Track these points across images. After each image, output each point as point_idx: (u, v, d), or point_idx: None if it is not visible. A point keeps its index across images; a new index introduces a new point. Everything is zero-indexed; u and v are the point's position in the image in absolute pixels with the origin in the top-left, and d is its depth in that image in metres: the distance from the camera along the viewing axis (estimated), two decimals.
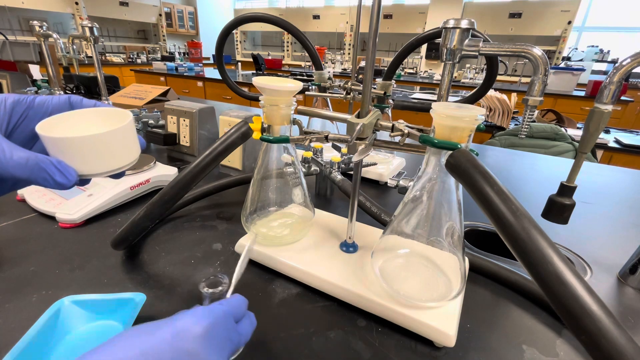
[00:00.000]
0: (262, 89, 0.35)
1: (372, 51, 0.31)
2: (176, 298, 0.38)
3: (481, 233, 0.57)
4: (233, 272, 0.29)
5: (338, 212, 0.53)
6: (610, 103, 0.35)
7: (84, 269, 0.42)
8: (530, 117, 0.40)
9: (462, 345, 0.33)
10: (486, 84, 0.52)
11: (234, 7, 6.65)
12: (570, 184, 0.40)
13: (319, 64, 0.66)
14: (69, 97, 0.27)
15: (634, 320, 0.38)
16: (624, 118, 3.20)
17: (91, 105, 0.28)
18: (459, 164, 0.28)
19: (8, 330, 0.32)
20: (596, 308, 0.21)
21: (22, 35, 4.22)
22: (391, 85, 0.62)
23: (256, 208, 0.44)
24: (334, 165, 0.60)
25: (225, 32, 0.66)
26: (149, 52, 5.52)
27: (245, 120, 0.47)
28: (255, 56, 3.85)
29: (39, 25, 1.06)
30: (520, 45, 0.37)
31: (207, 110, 0.75)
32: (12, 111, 0.25)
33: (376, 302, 0.35)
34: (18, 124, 0.25)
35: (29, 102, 0.26)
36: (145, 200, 0.58)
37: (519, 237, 0.24)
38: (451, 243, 0.33)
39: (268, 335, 0.33)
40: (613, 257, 0.50)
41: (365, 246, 0.43)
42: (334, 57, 4.54)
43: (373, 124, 0.34)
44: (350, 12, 5.26)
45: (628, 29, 4.11)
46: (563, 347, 0.34)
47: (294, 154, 0.42)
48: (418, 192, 0.33)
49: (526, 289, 0.40)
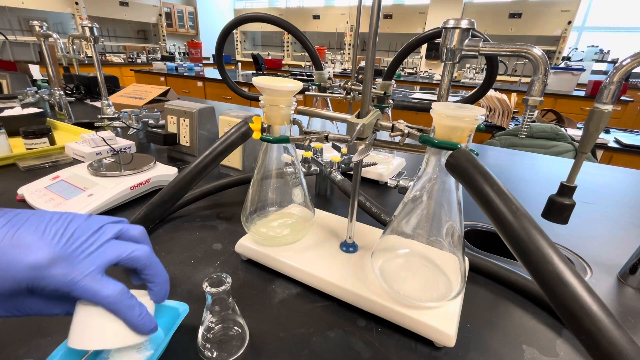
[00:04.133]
0: (262, 89, 0.35)
1: (372, 51, 0.31)
2: (176, 298, 0.38)
3: (481, 233, 0.57)
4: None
5: (338, 212, 0.53)
6: (610, 103, 0.35)
7: None
8: (530, 117, 0.40)
9: (462, 345, 0.33)
10: (486, 84, 0.52)
11: (234, 7, 6.65)
12: (570, 184, 0.40)
13: (319, 64, 0.66)
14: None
15: (634, 320, 0.38)
16: (624, 118, 3.20)
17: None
18: (459, 164, 0.28)
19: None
20: (596, 308, 0.21)
21: (22, 35, 4.22)
22: (391, 85, 0.62)
23: (256, 208, 0.44)
24: (334, 165, 0.60)
25: (225, 32, 0.66)
26: (149, 52, 5.52)
27: (245, 120, 0.47)
28: (255, 56, 3.85)
29: (39, 25, 1.06)
30: (520, 45, 0.37)
31: (207, 110, 0.75)
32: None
33: (376, 302, 0.35)
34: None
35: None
36: (145, 200, 0.58)
37: (519, 237, 0.24)
38: (451, 243, 0.33)
39: (268, 335, 0.33)
40: (613, 257, 0.50)
41: (365, 246, 0.43)
42: (334, 57, 4.54)
43: (373, 124, 0.34)
44: (350, 12, 5.26)
45: (628, 29, 4.10)
46: (563, 347, 0.34)
47: (294, 154, 0.42)
48: (418, 192, 0.33)
49: (526, 289, 0.40)
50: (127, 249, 0.26)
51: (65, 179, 0.58)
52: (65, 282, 0.23)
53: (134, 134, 0.88)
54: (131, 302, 0.26)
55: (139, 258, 0.26)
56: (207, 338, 0.30)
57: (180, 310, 0.32)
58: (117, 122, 0.90)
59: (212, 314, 0.30)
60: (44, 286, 0.23)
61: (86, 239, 0.24)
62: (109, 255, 0.25)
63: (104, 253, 0.25)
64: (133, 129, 0.87)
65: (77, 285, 0.23)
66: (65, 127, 0.97)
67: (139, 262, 0.27)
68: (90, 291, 0.24)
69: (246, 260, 0.45)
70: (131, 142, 0.82)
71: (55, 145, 0.79)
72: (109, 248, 0.25)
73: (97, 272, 0.24)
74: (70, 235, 0.24)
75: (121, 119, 0.89)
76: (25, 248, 0.22)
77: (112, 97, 1.22)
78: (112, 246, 0.26)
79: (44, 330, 0.33)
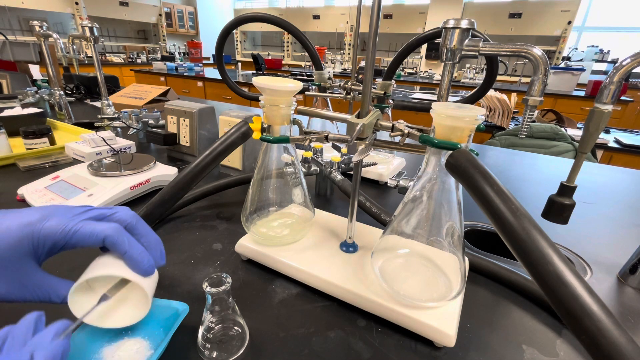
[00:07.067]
0: (262, 89, 0.35)
1: (372, 51, 0.31)
2: (176, 298, 0.37)
3: (481, 233, 0.57)
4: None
5: (338, 212, 0.53)
6: (610, 103, 0.35)
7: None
8: (530, 117, 0.40)
9: (462, 345, 0.33)
10: (486, 84, 0.52)
11: (234, 7, 6.65)
12: (570, 184, 0.40)
13: (319, 64, 0.66)
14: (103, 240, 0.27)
15: (634, 320, 0.38)
16: (624, 118, 3.20)
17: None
18: (459, 164, 0.28)
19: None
20: (596, 308, 0.21)
21: (22, 35, 4.22)
22: (391, 85, 0.62)
23: (256, 208, 0.44)
24: (334, 165, 0.60)
25: (225, 32, 0.66)
26: (149, 52, 5.52)
27: (245, 120, 0.47)
28: (255, 56, 3.85)
29: (39, 25, 1.06)
30: (520, 45, 0.37)
31: (207, 110, 0.75)
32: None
33: (376, 302, 0.35)
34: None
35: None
36: (145, 200, 0.58)
37: (519, 237, 0.24)
38: (451, 243, 0.33)
39: (268, 335, 0.33)
40: (613, 257, 0.50)
41: (365, 246, 0.43)
42: (334, 57, 4.54)
43: (373, 124, 0.34)
44: (350, 12, 5.26)
45: (628, 29, 4.10)
46: (563, 347, 0.34)
47: (294, 154, 0.42)
48: (418, 192, 0.33)
49: (526, 289, 0.40)
50: (110, 211, 0.28)
51: (65, 179, 0.58)
52: (61, 229, 0.25)
53: (134, 134, 0.88)
54: (129, 237, 0.27)
55: (123, 217, 0.28)
56: (207, 338, 0.30)
57: (180, 310, 0.32)
58: (117, 122, 0.90)
59: (212, 314, 0.30)
60: (43, 238, 0.24)
61: (72, 209, 0.27)
62: (94, 213, 0.27)
63: (89, 213, 0.27)
64: (133, 129, 0.87)
65: (73, 229, 0.25)
66: (65, 127, 0.97)
67: (124, 222, 0.28)
68: (87, 231, 0.25)
69: (246, 260, 0.45)
70: (131, 142, 0.82)
71: (55, 145, 0.79)
72: (93, 210, 0.28)
73: (89, 219, 0.26)
74: (59, 206, 0.27)
75: (121, 119, 0.89)
76: (18, 213, 0.25)
77: (112, 97, 1.22)
78: (96, 209, 0.28)
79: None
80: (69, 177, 0.59)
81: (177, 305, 0.32)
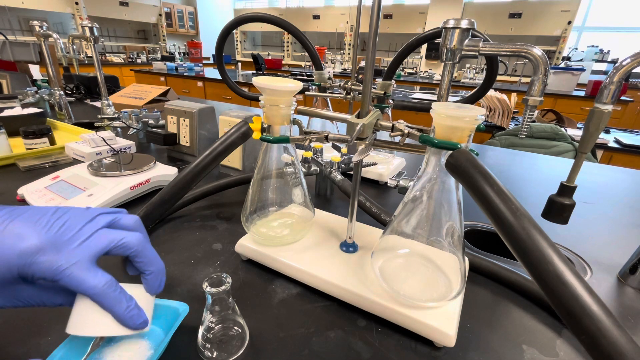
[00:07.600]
0: (262, 89, 0.35)
1: (372, 51, 0.31)
2: (176, 298, 0.38)
3: (481, 233, 0.57)
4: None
5: (338, 212, 0.53)
6: (610, 103, 0.35)
7: None
8: (530, 117, 0.40)
9: (462, 345, 0.33)
10: (486, 84, 0.52)
11: (234, 7, 6.65)
12: (570, 184, 0.40)
13: (319, 64, 0.66)
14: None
15: (634, 320, 0.38)
16: (624, 118, 3.20)
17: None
18: (459, 164, 0.28)
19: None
20: (596, 308, 0.21)
21: (22, 35, 4.22)
22: (391, 85, 0.62)
23: (256, 208, 0.44)
24: (334, 165, 0.60)
25: (225, 32, 0.66)
26: (149, 52, 5.52)
27: (245, 120, 0.47)
28: (255, 56, 3.85)
29: (39, 25, 1.06)
30: (520, 45, 0.37)
31: (207, 110, 0.75)
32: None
33: (376, 302, 0.35)
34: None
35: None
36: (145, 200, 0.58)
37: (519, 237, 0.24)
38: (451, 243, 0.33)
39: (268, 335, 0.33)
40: (613, 257, 0.50)
41: (365, 246, 0.43)
42: (334, 57, 4.54)
43: (373, 124, 0.34)
44: (350, 12, 5.26)
45: (628, 29, 4.10)
46: (563, 347, 0.34)
47: (294, 154, 0.42)
48: (418, 192, 0.33)
49: (526, 289, 0.40)
50: (118, 236, 0.26)
51: (65, 179, 0.58)
52: (52, 270, 0.23)
53: (134, 134, 0.88)
54: (118, 294, 0.25)
55: (129, 244, 0.26)
56: (207, 338, 0.30)
57: (180, 310, 0.32)
58: (117, 122, 0.90)
59: (212, 314, 0.30)
60: (32, 274, 0.23)
61: (79, 229, 0.25)
62: (99, 243, 0.25)
63: (94, 242, 0.25)
64: (133, 129, 0.87)
65: (63, 274, 0.23)
66: (65, 127, 0.97)
67: (130, 249, 0.26)
68: (75, 281, 0.24)
69: (246, 260, 0.45)
70: (131, 142, 0.82)
71: (55, 145, 0.79)
72: (100, 236, 0.25)
73: (86, 262, 0.24)
74: (62, 225, 0.24)
75: (121, 119, 0.89)
76: (16, 236, 0.23)
77: (112, 97, 1.22)
78: (103, 234, 0.26)
79: (44, 330, 0.33)
80: (69, 177, 0.59)
81: (177, 305, 0.32)
